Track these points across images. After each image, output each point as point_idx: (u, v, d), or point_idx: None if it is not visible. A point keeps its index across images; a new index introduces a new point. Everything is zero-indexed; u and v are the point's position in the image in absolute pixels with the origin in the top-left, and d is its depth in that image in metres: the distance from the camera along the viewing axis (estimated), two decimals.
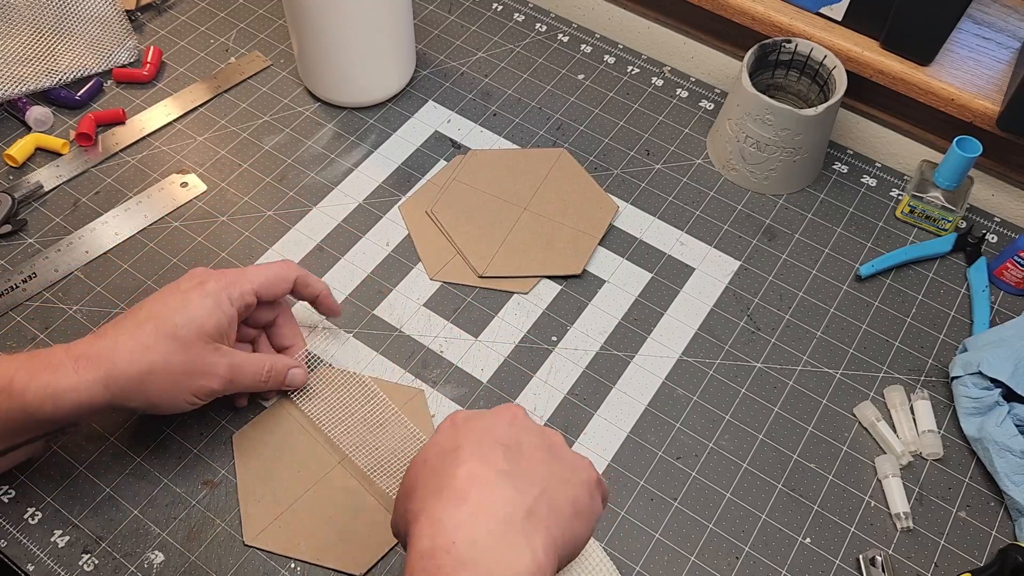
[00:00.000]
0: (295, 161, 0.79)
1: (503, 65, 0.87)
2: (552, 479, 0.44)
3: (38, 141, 0.78)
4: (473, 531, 0.40)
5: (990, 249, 0.75)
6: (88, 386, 0.52)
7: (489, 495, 0.41)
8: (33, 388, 0.52)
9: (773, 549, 0.60)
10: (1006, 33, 0.79)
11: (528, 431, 0.46)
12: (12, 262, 0.72)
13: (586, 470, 0.46)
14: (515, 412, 0.47)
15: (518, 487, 0.42)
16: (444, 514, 0.41)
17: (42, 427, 0.55)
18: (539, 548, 0.40)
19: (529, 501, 0.42)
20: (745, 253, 0.74)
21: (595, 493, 0.46)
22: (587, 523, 0.45)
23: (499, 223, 0.74)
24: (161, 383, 0.55)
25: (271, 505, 0.60)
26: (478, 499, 0.41)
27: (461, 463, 0.43)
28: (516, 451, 0.44)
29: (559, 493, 0.43)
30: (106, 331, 0.55)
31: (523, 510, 0.41)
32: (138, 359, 0.53)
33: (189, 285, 0.57)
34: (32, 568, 0.57)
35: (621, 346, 0.69)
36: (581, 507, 0.44)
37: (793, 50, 0.76)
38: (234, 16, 0.90)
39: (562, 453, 0.46)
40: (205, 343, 0.56)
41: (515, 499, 0.41)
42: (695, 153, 0.81)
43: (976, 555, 0.60)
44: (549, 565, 0.41)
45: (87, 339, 0.55)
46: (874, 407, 0.65)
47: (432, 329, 0.69)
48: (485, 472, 0.42)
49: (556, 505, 0.43)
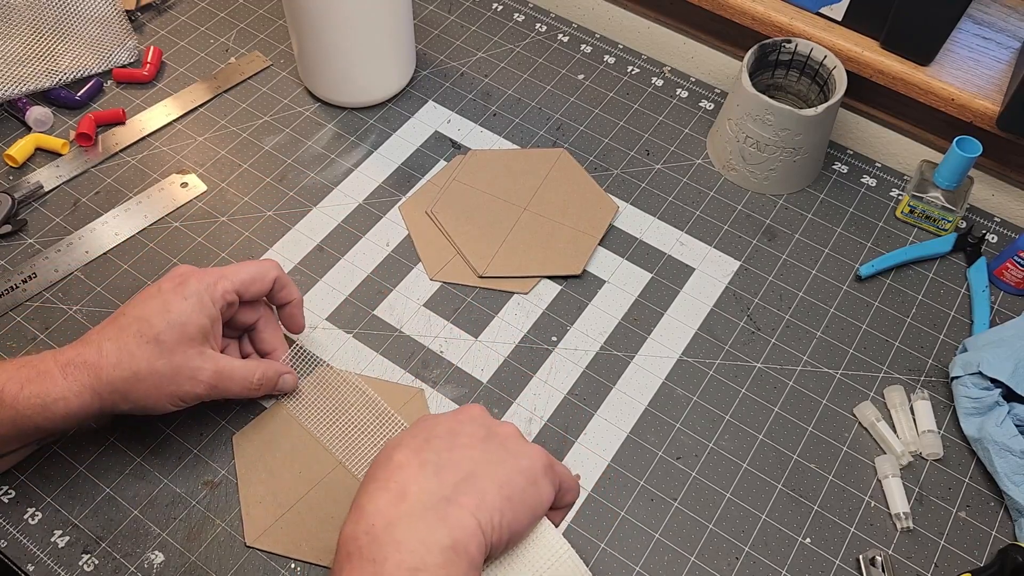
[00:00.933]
0: (295, 161, 0.79)
1: (503, 65, 0.87)
2: (481, 466, 0.45)
3: (38, 141, 0.78)
4: (390, 515, 0.43)
5: (990, 249, 0.75)
6: (77, 394, 0.52)
7: (409, 482, 0.44)
8: (23, 398, 0.52)
9: (773, 549, 0.60)
10: (1006, 33, 0.79)
11: (472, 423, 0.48)
12: (12, 262, 0.72)
13: (528, 457, 0.47)
14: (473, 410, 0.50)
15: (439, 474, 0.44)
16: (368, 502, 0.44)
17: (33, 435, 0.55)
18: (456, 529, 0.42)
19: (448, 487, 0.44)
20: (745, 253, 0.74)
21: (540, 480, 0.46)
22: (525, 508, 0.45)
23: (499, 223, 0.74)
24: (147, 388, 0.54)
25: (272, 506, 0.60)
26: (398, 487, 0.44)
27: (395, 456, 0.46)
28: (449, 442, 0.47)
29: (487, 479, 0.45)
30: (92, 336, 0.55)
31: (440, 495, 0.43)
32: (123, 365, 0.53)
33: (170, 285, 0.56)
34: (32, 568, 0.57)
35: (621, 346, 0.69)
36: (513, 492, 0.45)
37: (793, 50, 0.76)
38: (234, 16, 0.90)
39: (506, 443, 0.48)
40: (189, 346, 0.55)
41: (434, 485, 0.44)
42: (695, 153, 0.81)
43: (976, 555, 0.60)
44: (470, 545, 0.42)
45: (75, 345, 0.55)
46: (874, 407, 0.65)
47: (432, 329, 0.69)
48: (411, 461, 0.45)
49: (482, 490, 0.44)
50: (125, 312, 0.56)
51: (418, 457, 0.45)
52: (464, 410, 0.50)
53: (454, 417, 0.49)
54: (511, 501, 0.45)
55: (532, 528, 0.47)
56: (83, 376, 0.53)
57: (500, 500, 0.44)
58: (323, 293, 0.71)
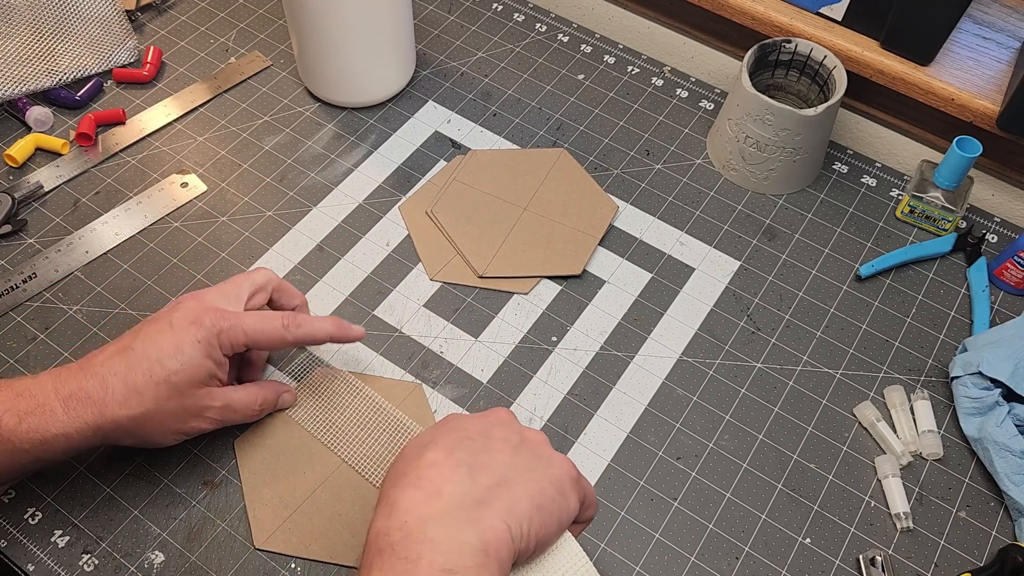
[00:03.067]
0: (295, 161, 0.79)
1: (503, 65, 0.87)
2: (514, 472, 0.45)
3: (38, 141, 0.78)
4: (423, 512, 0.42)
5: (990, 249, 0.75)
6: (79, 430, 0.51)
7: (444, 482, 0.43)
8: (22, 432, 0.50)
9: (773, 549, 0.60)
10: (1006, 33, 0.79)
11: (504, 427, 0.48)
12: (12, 262, 0.72)
13: (559, 467, 0.47)
14: (501, 413, 0.49)
15: (474, 476, 0.44)
16: (400, 497, 0.43)
17: (31, 467, 0.54)
18: (488, 532, 0.42)
19: (481, 490, 0.43)
20: (745, 253, 0.74)
21: (568, 491, 0.46)
22: (553, 518, 0.45)
23: (499, 223, 0.74)
24: (153, 426, 0.54)
25: (278, 508, 0.60)
26: (432, 485, 0.43)
27: (427, 454, 0.45)
28: (482, 445, 0.46)
29: (519, 486, 0.44)
30: (95, 367, 0.53)
31: (473, 497, 0.43)
32: (131, 404, 0.52)
33: (182, 322, 0.54)
34: (32, 568, 0.57)
35: (621, 346, 0.69)
36: (544, 501, 0.44)
37: (793, 50, 0.76)
38: (234, 16, 0.90)
39: (537, 451, 0.47)
40: (198, 387, 0.54)
41: (468, 486, 0.43)
42: (695, 153, 0.81)
43: (976, 555, 0.60)
44: (500, 550, 0.42)
45: (76, 374, 0.52)
46: (874, 407, 0.65)
47: (432, 330, 0.69)
48: (445, 461, 0.44)
49: (513, 496, 0.44)
50: (133, 347, 0.53)
51: (452, 457, 0.44)
52: (493, 413, 0.49)
53: (484, 419, 0.48)
54: (541, 510, 0.44)
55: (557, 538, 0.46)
56: (86, 412, 0.51)
57: (531, 508, 0.44)
58: (323, 293, 0.71)
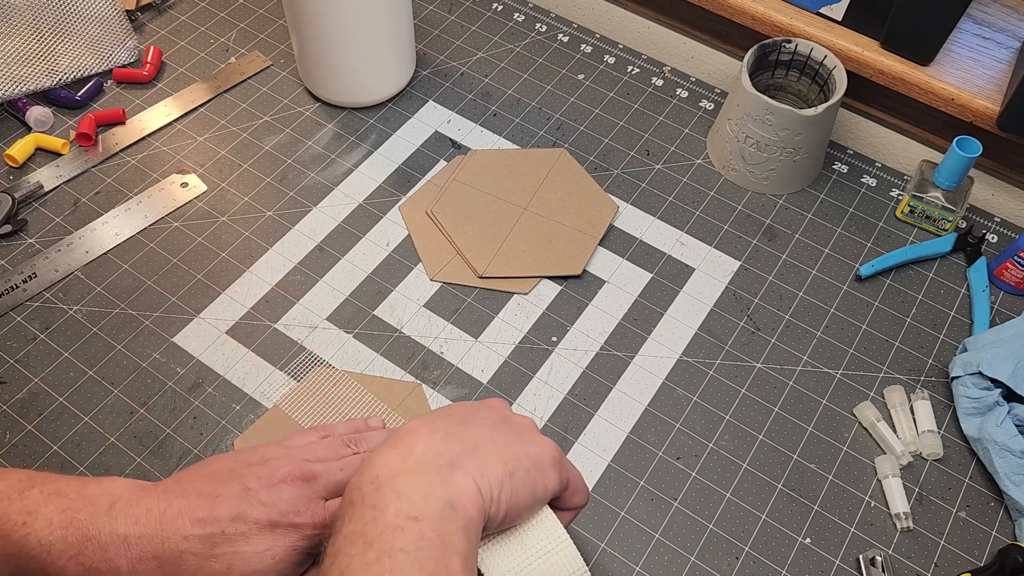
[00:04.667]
0: (295, 161, 0.79)
1: (503, 65, 0.87)
2: (489, 444, 0.46)
3: (38, 141, 0.78)
4: (395, 468, 0.43)
5: (990, 249, 0.75)
6: None
7: (418, 442, 0.45)
8: None
9: (773, 549, 0.60)
10: (1006, 33, 0.79)
11: (491, 410, 0.49)
12: (12, 262, 0.72)
13: (538, 446, 0.48)
14: (494, 401, 0.51)
15: (448, 441, 0.45)
16: (375, 455, 0.45)
17: None
18: (457, 489, 0.43)
19: (454, 453, 0.45)
20: (745, 253, 0.74)
21: (546, 468, 0.47)
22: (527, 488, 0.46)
23: (499, 223, 0.74)
24: None
25: None
26: (406, 445, 0.45)
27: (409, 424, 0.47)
28: (463, 419, 0.48)
29: (492, 454, 0.46)
30: (173, 527, 0.46)
31: (446, 457, 0.44)
32: None
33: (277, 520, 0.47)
34: None
35: (621, 346, 0.69)
36: (517, 470, 0.46)
37: (793, 50, 0.76)
38: (234, 16, 0.90)
39: (519, 431, 0.48)
40: None
41: (442, 448, 0.45)
42: (695, 153, 0.81)
43: (976, 555, 0.60)
44: (469, 507, 0.43)
45: (151, 527, 0.45)
46: (874, 407, 0.65)
47: (432, 330, 0.69)
48: (423, 427, 0.46)
49: (485, 462, 0.45)
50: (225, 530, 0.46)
51: (431, 425, 0.46)
52: (486, 400, 0.51)
53: (475, 403, 0.51)
54: (513, 478, 0.45)
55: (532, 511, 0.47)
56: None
57: (502, 474, 0.45)
58: (323, 293, 0.71)
